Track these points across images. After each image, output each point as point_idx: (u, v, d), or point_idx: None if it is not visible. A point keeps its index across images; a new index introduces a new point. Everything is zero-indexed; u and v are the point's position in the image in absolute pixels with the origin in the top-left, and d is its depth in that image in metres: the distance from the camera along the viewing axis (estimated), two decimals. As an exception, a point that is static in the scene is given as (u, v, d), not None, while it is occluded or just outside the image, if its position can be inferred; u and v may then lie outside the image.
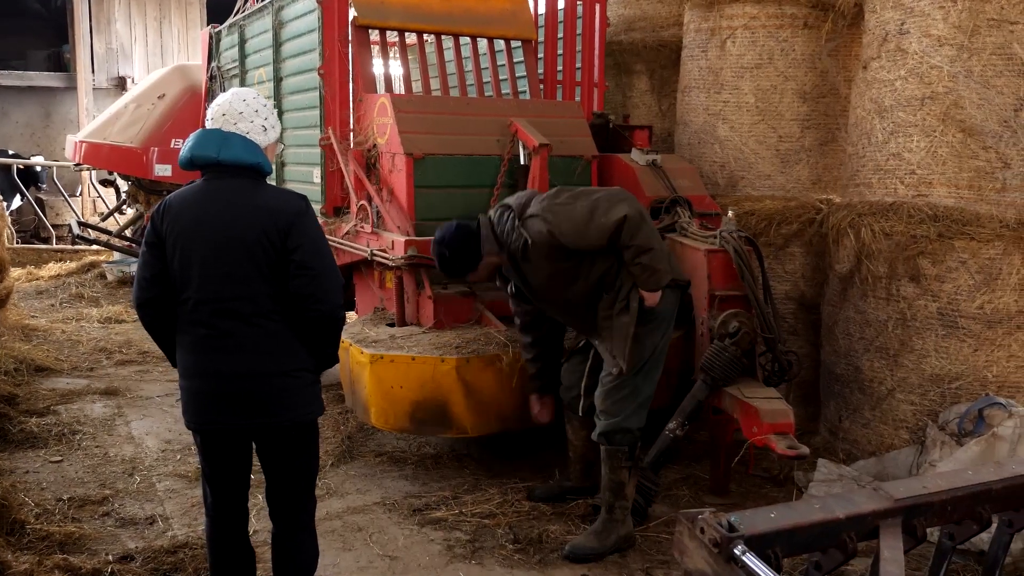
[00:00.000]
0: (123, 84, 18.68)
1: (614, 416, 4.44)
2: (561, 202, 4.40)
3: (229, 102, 3.32)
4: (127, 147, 10.41)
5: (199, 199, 3.27)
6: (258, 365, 3.23)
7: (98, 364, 7.84)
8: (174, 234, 3.24)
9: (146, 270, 3.29)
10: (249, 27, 8.06)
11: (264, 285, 3.22)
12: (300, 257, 3.20)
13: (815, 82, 6.48)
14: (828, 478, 4.95)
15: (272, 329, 3.24)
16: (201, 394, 3.28)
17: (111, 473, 5.32)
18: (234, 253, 3.19)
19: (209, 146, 3.25)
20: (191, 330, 3.26)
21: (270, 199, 3.27)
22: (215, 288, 3.21)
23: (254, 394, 3.24)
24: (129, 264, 11.89)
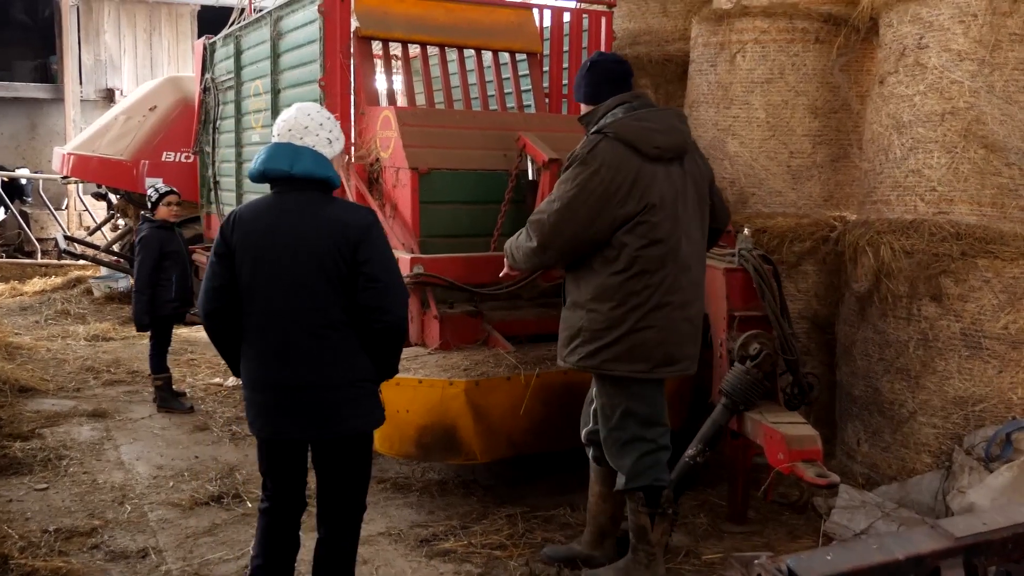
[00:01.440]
0: (111, 96, 18.51)
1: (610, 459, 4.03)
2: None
3: (294, 117, 3.39)
4: (117, 160, 10.24)
5: (271, 211, 3.34)
6: (323, 376, 3.30)
7: (85, 384, 7.61)
8: (245, 245, 3.31)
9: (214, 280, 3.35)
10: (246, 38, 7.90)
11: (333, 297, 3.28)
12: (369, 270, 3.27)
13: (827, 97, 6.34)
14: (850, 504, 4.78)
15: (338, 340, 3.31)
16: (269, 405, 3.35)
17: (100, 502, 5.09)
18: (305, 265, 3.26)
19: (282, 160, 3.31)
20: (258, 341, 3.33)
21: (341, 212, 3.34)
22: (285, 299, 3.28)
23: (319, 405, 3.31)
24: (116, 280, 11.68)
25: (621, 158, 3.78)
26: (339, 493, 3.48)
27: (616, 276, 3.82)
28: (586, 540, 4.40)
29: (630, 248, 3.81)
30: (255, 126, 7.74)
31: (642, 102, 3.98)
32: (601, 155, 3.79)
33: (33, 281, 12.49)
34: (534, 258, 4.05)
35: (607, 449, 4.03)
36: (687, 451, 4.52)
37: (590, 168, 3.79)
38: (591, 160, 3.80)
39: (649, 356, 3.85)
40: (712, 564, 4.40)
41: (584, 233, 3.83)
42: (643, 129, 3.83)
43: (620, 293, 3.82)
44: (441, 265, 5.20)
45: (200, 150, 9.33)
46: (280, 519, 3.56)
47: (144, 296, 6.76)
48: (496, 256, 5.47)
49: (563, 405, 5.00)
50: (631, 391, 3.91)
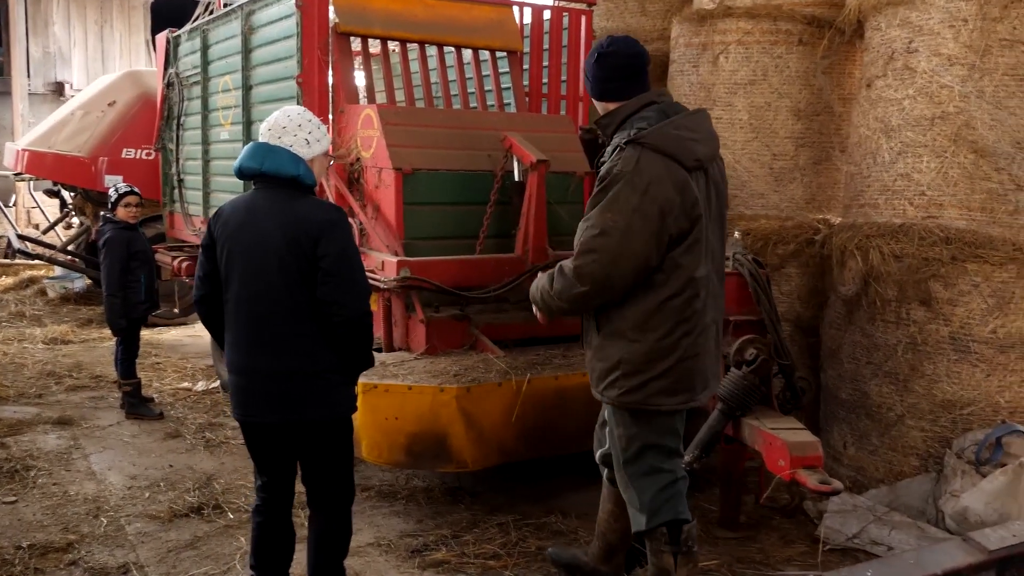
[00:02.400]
0: (61, 90, 18.08)
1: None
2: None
3: (275, 118, 3.57)
4: (74, 156, 9.95)
5: (245, 207, 3.53)
6: (287, 364, 3.45)
7: (47, 390, 7.36)
8: (222, 238, 3.52)
9: (200, 269, 3.61)
10: (214, 32, 7.69)
11: (296, 290, 3.42)
12: (327, 264, 3.39)
13: (810, 99, 6.33)
14: (843, 509, 4.77)
15: (301, 331, 3.45)
16: (240, 389, 3.55)
17: (74, 515, 4.89)
18: (268, 258, 3.42)
19: (255, 158, 3.49)
20: (232, 327, 3.54)
21: (307, 209, 3.47)
22: (251, 290, 3.46)
23: (284, 392, 3.47)
24: (72, 280, 11.36)
25: (666, 171, 3.34)
26: (317, 478, 3.66)
27: (668, 301, 3.40)
28: (594, 553, 4.16)
29: (685, 270, 3.41)
30: (223, 123, 7.54)
31: (669, 102, 3.56)
32: (647, 170, 3.33)
33: (-17, 281, 12.13)
34: (589, 302, 3.48)
35: (620, 483, 3.67)
36: (684, 457, 4.47)
37: (639, 188, 3.32)
38: (638, 179, 3.32)
39: (692, 385, 3.50)
40: (708, 570, 4.35)
41: (647, 263, 3.37)
42: (683, 140, 3.41)
43: (670, 320, 3.41)
44: (428, 268, 5.09)
45: (163, 147, 9.07)
46: (270, 512, 3.69)
47: (117, 299, 6.58)
48: (483, 259, 5.40)
49: (554, 411, 4.92)
50: (657, 423, 3.53)
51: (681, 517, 3.56)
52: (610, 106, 3.59)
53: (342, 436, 3.63)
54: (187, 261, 8.05)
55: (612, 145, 3.49)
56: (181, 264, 8.02)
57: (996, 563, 2.49)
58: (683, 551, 3.56)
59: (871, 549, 4.49)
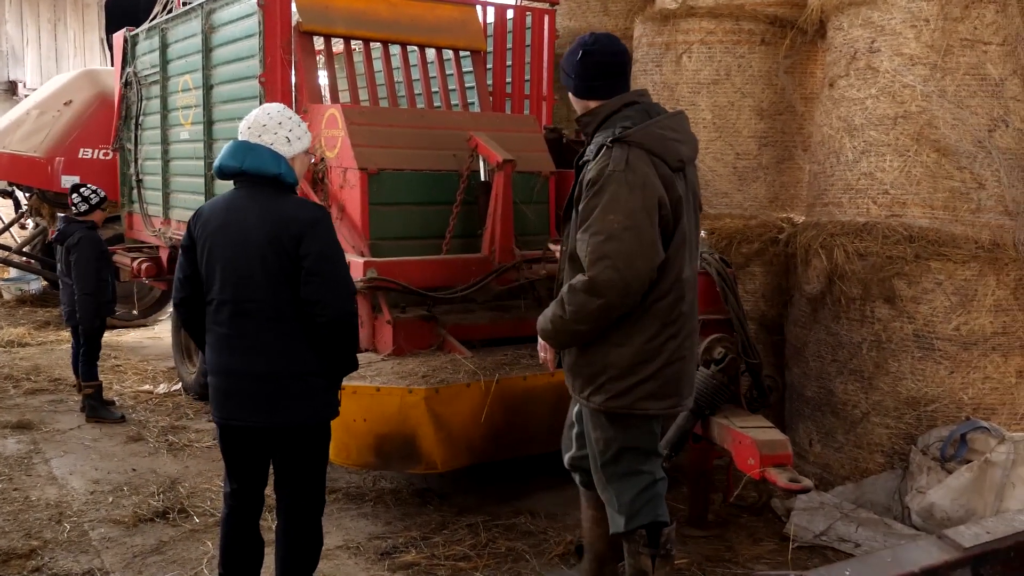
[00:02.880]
0: (14, 89, 17.74)
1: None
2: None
3: (255, 116, 3.50)
4: (30, 157, 9.76)
5: (226, 206, 3.46)
6: (269, 366, 3.39)
7: (5, 394, 7.22)
8: (203, 238, 3.44)
9: (180, 271, 3.53)
10: (172, 31, 7.59)
11: (279, 289, 3.36)
12: (310, 264, 3.33)
13: (772, 99, 6.37)
14: (810, 506, 4.80)
15: (284, 332, 3.39)
16: (220, 390, 3.47)
17: (36, 520, 4.80)
18: (250, 258, 3.36)
19: (235, 156, 3.43)
20: (214, 329, 3.46)
21: (289, 208, 3.41)
22: (233, 291, 3.39)
23: (265, 394, 3.40)
24: (29, 282, 11.16)
25: (654, 169, 3.28)
26: (290, 484, 3.57)
27: (655, 303, 3.32)
28: (585, 569, 4.00)
29: (673, 270, 3.34)
30: (183, 123, 7.44)
31: (650, 103, 3.51)
32: (639, 168, 3.25)
33: (-65, 283, 11.86)
34: (611, 314, 3.30)
35: (598, 484, 3.60)
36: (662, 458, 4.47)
37: (636, 186, 3.23)
38: (632, 177, 3.23)
39: (680, 390, 3.44)
40: (679, 569, 4.36)
41: (657, 260, 3.26)
42: (668, 140, 3.36)
43: (657, 322, 3.33)
44: (394, 269, 5.06)
45: (121, 147, 8.93)
46: (239, 520, 3.60)
47: (93, 299, 6.56)
48: (450, 259, 5.37)
49: (523, 412, 4.91)
50: (637, 427, 3.45)
51: (660, 519, 3.50)
52: (591, 104, 3.50)
53: (321, 441, 3.56)
54: (146, 262, 7.95)
55: (595, 144, 3.40)
56: (141, 265, 7.92)
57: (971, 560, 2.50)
58: (661, 554, 3.51)
59: (839, 546, 4.53)
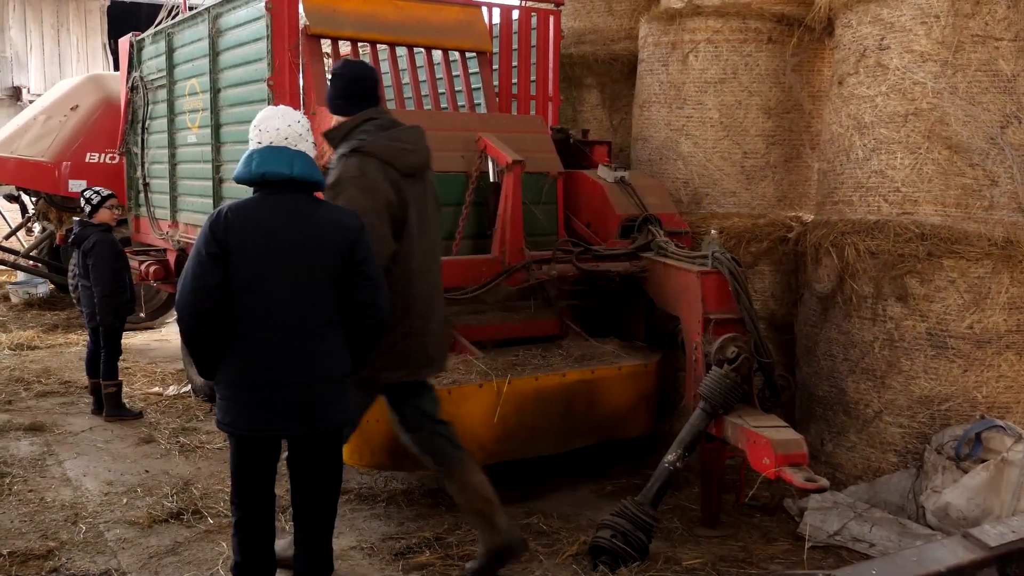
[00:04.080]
0: (18, 94, 17.79)
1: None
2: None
3: (286, 125, 3.48)
4: (37, 161, 9.77)
5: (270, 213, 3.42)
6: (318, 373, 3.42)
7: (16, 396, 7.23)
8: (244, 246, 3.35)
9: (208, 279, 3.33)
10: (179, 35, 7.58)
11: (329, 295, 3.42)
12: (366, 268, 3.46)
13: (779, 97, 6.36)
14: (822, 506, 4.79)
15: (332, 338, 3.45)
16: (259, 402, 3.38)
17: (52, 522, 4.81)
18: (309, 264, 3.39)
19: (282, 163, 3.41)
20: (254, 339, 3.37)
21: (336, 214, 3.50)
22: (290, 297, 3.37)
23: (312, 400, 3.41)
24: (36, 285, 11.18)
25: (384, 174, 3.89)
26: (318, 488, 3.59)
27: (392, 288, 3.80)
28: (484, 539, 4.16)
29: (403, 261, 3.96)
30: (191, 126, 7.44)
31: (388, 119, 4.06)
32: (370, 174, 3.86)
33: (-57, 288, 11.89)
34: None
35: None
36: (666, 456, 4.48)
37: (367, 189, 3.84)
38: (364, 181, 3.85)
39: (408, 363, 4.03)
40: (693, 570, 4.35)
41: (388, 251, 3.90)
42: (398, 149, 3.96)
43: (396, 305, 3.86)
44: (405, 270, 5.05)
45: (127, 151, 8.93)
46: (257, 532, 3.57)
47: (111, 300, 6.63)
48: (460, 260, 5.37)
49: (535, 412, 4.92)
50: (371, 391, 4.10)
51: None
52: (337, 120, 4.08)
53: (340, 445, 3.69)
54: (154, 265, 7.96)
55: (337, 155, 3.97)
56: (148, 268, 7.92)
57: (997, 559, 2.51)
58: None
59: (853, 546, 4.52)
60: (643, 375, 5.31)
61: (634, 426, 5.38)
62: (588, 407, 5.13)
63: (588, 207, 5.96)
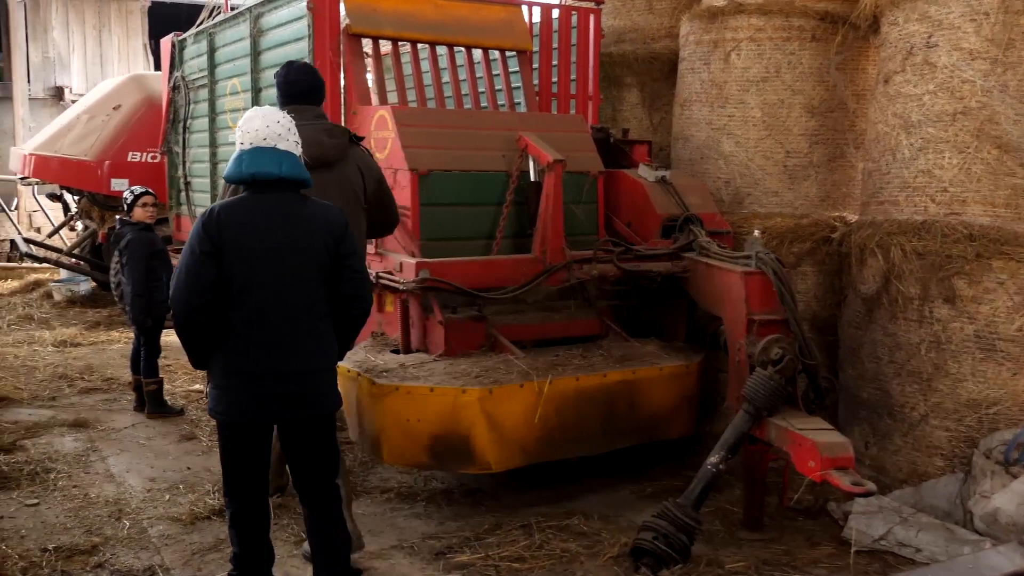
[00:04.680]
0: (60, 94, 18.00)
1: None
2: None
3: (265, 126, 3.59)
4: (80, 160, 9.91)
5: (261, 211, 3.56)
6: (312, 362, 3.60)
7: (60, 393, 7.33)
8: (237, 243, 3.49)
9: (203, 276, 3.48)
10: (220, 35, 7.64)
11: (320, 288, 3.61)
12: (353, 262, 3.67)
13: (823, 96, 6.29)
14: (867, 510, 4.72)
15: (322, 329, 3.64)
16: (257, 392, 3.53)
17: (96, 517, 4.86)
18: (301, 259, 3.56)
19: (271, 164, 3.55)
20: (251, 332, 3.52)
21: (322, 211, 3.66)
22: (284, 291, 3.53)
23: (308, 388, 3.60)
24: (78, 283, 11.31)
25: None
26: (319, 468, 3.75)
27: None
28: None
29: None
30: (232, 125, 7.49)
31: (304, 118, 4.20)
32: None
33: (-12, 285, 12.07)
34: None
35: None
36: (709, 459, 4.44)
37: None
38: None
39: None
40: (736, 573, 4.31)
41: None
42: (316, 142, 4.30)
43: None
44: (446, 269, 5.03)
45: (168, 150, 9.02)
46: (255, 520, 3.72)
47: (143, 299, 6.66)
48: (500, 260, 5.36)
49: (576, 413, 4.90)
50: None
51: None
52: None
53: (334, 427, 3.83)
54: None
55: None
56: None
57: (1050, 565, 2.44)
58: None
59: (899, 551, 4.45)
60: (685, 376, 5.27)
61: (675, 427, 5.34)
62: (629, 408, 5.10)
63: (629, 207, 5.93)
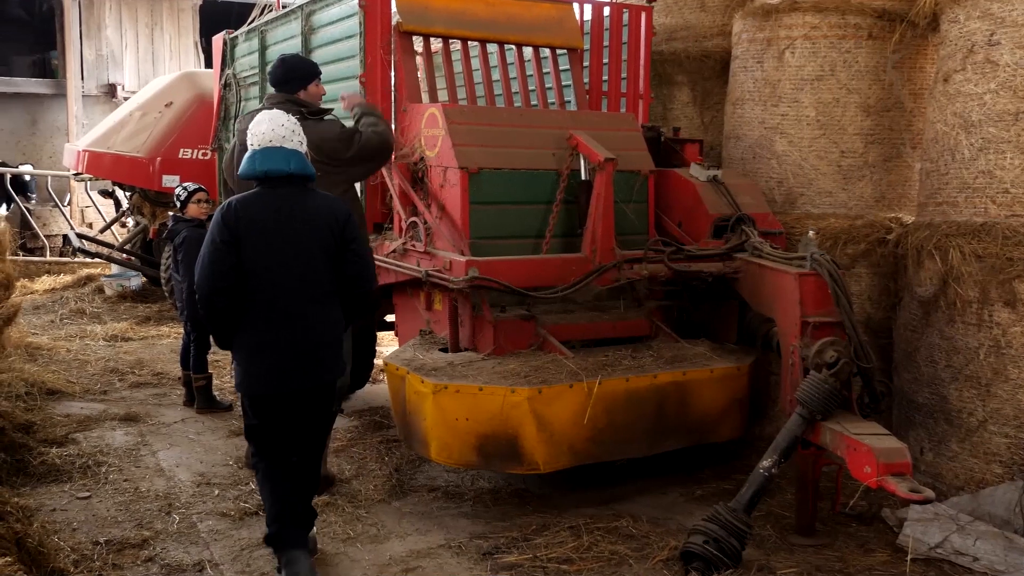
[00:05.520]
0: (113, 91, 18.24)
1: None
2: None
3: (272, 129, 4.02)
4: (132, 157, 10.02)
5: (273, 203, 4.00)
6: (321, 336, 4.03)
7: (111, 387, 7.42)
8: (253, 233, 3.93)
9: (223, 263, 3.91)
10: (272, 33, 7.69)
11: (325, 271, 4.03)
12: (355, 247, 4.09)
13: (879, 95, 6.19)
14: (923, 517, 4.63)
15: (329, 306, 4.08)
16: (274, 365, 3.97)
17: (146, 511, 4.91)
18: (309, 245, 3.99)
19: (280, 162, 3.99)
20: (267, 311, 3.96)
21: (325, 202, 4.10)
22: (294, 274, 3.97)
23: (318, 359, 4.03)
24: (129, 278, 11.46)
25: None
26: (316, 429, 4.23)
27: None
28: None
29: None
30: (282, 123, 7.54)
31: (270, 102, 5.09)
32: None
33: (43, 279, 12.25)
34: None
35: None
36: (761, 462, 4.37)
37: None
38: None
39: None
40: (788, 579, 4.25)
41: None
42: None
43: None
44: (496, 268, 5.01)
45: (219, 147, 9.10)
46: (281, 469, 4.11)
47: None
48: (550, 259, 5.33)
49: (625, 414, 4.86)
50: None
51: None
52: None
53: (333, 393, 4.25)
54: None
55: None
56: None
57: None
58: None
59: (955, 559, 4.36)
60: (736, 378, 5.20)
61: (725, 430, 5.28)
62: (679, 409, 5.04)
63: (680, 206, 5.87)
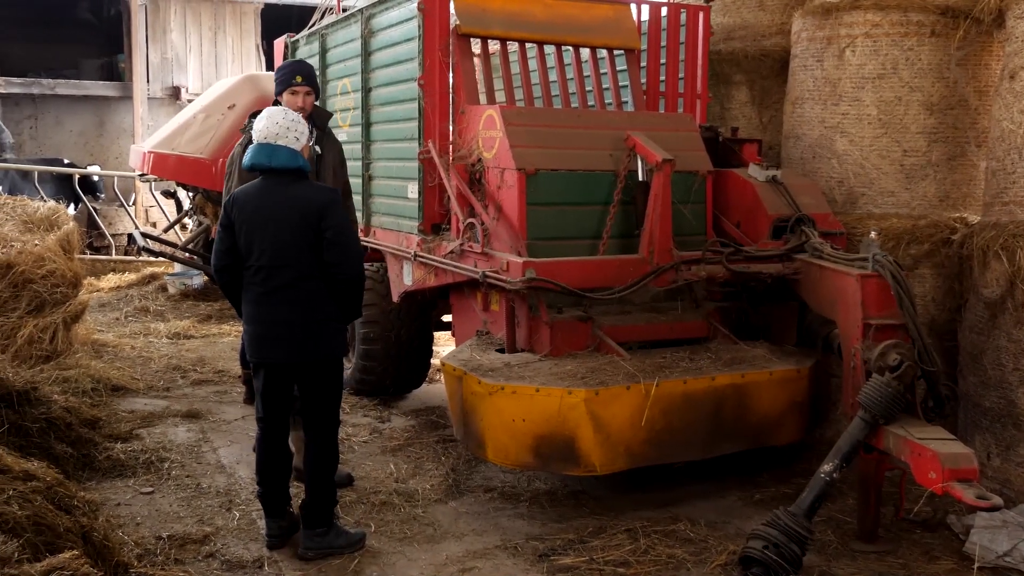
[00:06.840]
0: (177, 94, 18.55)
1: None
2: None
3: (266, 127, 4.44)
4: (195, 158, 10.16)
5: (259, 193, 4.44)
6: (299, 314, 4.37)
7: (174, 384, 7.57)
8: (242, 219, 4.40)
9: (222, 244, 4.46)
10: (332, 36, 7.77)
11: (305, 255, 4.35)
12: (331, 235, 4.36)
13: (943, 93, 6.07)
14: (990, 524, 4.53)
15: (310, 288, 4.38)
16: (259, 336, 4.44)
17: (208, 507, 5.01)
18: (284, 231, 4.34)
19: (263, 156, 4.41)
20: (254, 288, 4.42)
21: (308, 191, 4.46)
22: (271, 257, 4.34)
23: (296, 336, 4.38)
24: (191, 277, 11.66)
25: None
26: (316, 407, 4.52)
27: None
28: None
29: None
30: (342, 125, 7.61)
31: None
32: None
33: (108, 277, 12.51)
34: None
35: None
36: (823, 466, 4.32)
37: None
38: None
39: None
40: (848, 586, 4.19)
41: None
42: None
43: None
44: (553, 269, 5.01)
45: (280, 148, 9.22)
46: (271, 437, 4.52)
47: None
48: (607, 260, 5.31)
49: (683, 416, 4.83)
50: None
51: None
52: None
53: (335, 372, 4.55)
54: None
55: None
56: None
57: None
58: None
59: None
60: (795, 380, 5.15)
61: (784, 433, 5.22)
62: (737, 412, 5.00)
63: (738, 207, 5.82)
